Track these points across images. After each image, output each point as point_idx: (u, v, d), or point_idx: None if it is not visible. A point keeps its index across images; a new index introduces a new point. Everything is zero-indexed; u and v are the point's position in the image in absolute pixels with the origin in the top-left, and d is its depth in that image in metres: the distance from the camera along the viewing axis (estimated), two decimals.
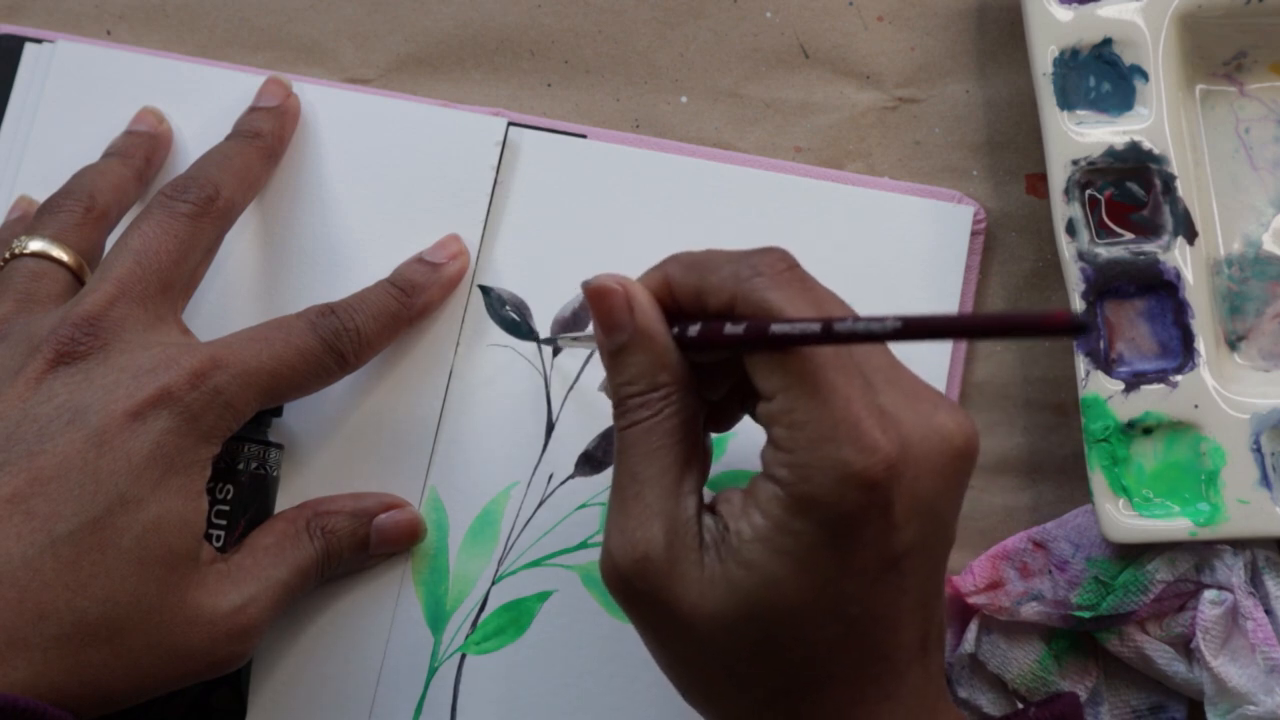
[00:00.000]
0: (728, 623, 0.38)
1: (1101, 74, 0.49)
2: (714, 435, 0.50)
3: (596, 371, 0.51)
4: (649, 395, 0.40)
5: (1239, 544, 0.48)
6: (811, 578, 0.37)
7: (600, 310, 0.41)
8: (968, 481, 0.39)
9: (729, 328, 0.39)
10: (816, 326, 0.36)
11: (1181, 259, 0.48)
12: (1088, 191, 0.49)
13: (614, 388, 0.41)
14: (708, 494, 0.41)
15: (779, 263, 0.39)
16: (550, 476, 0.51)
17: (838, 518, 0.37)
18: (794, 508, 0.37)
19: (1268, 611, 0.47)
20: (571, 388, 0.51)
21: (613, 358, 0.41)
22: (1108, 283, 0.49)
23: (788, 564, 0.37)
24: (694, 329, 0.40)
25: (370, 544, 0.49)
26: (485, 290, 0.52)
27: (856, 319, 0.36)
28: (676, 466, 0.40)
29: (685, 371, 0.41)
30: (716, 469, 0.50)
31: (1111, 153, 0.49)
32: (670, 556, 0.39)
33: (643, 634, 0.41)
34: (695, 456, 0.41)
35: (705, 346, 0.40)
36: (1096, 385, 0.48)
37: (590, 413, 0.51)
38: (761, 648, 0.38)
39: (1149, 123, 0.49)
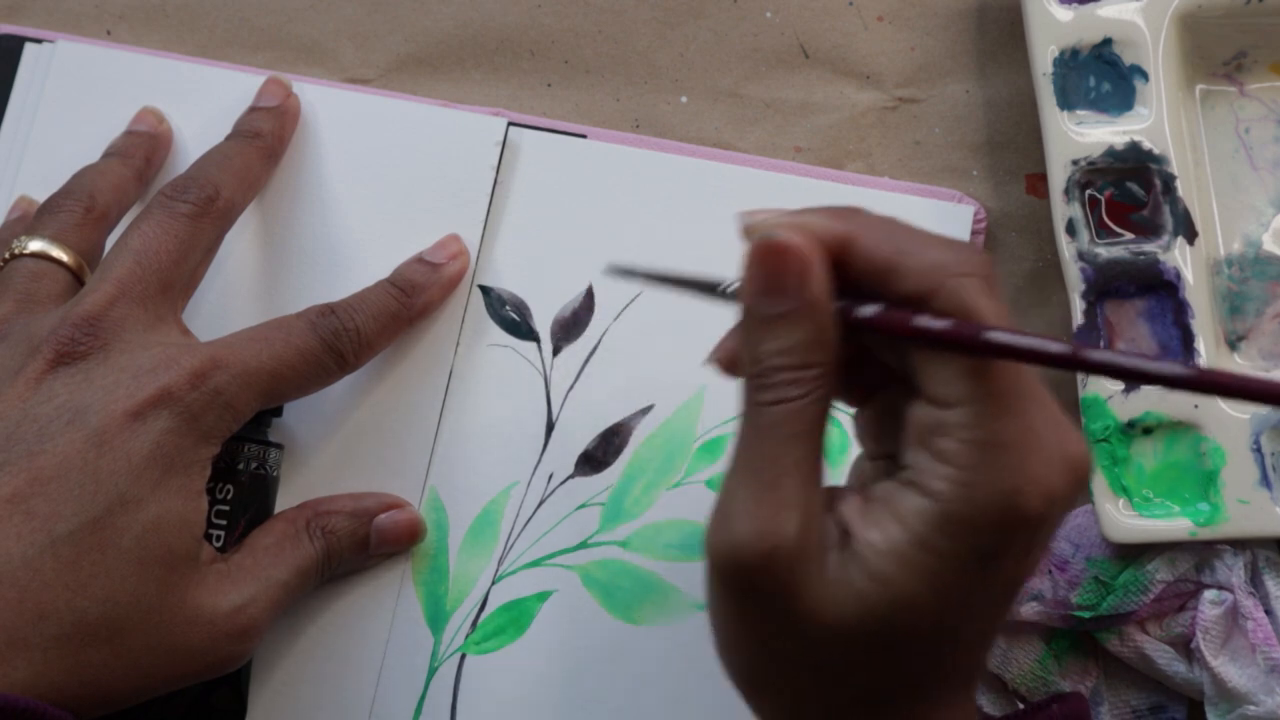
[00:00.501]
0: (842, 633, 0.36)
1: (1101, 74, 0.49)
2: (713, 435, 0.50)
3: (596, 371, 0.51)
4: (801, 373, 0.36)
5: (1239, 544, 0.48)
6: (944, 602, 0.35)
7: (767, 269, 0.36)
8: None
9: (925, 321, 0.35)
10: (1064, 348, 0.34)
11: (1181, 259, 0.48)
12: (1088, 191, 0.49)
13: (759, 355, 0.36)
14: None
15: (988, 267, 0.36)
16: (550, 476, 0.51)
17: (992, 545, 0.35)
18: (947, 527, 0.35)
19: (1268, 611, 0.47)
20: (571, 388, 0.51)
21: (764, 323, 0.36)
22: (1108, 283, 0.49)
23: (924, 585, 0.35)
24: (870, 311, 0.36)
25: (370, 544, 0.49)
26: (485, 290, 0.52)
27: (1121, 352, 0.34)
28: (815, 456, 0.36)
29: (838, 353, 0.36)
30: (716, 469, 0.50)
31: (1111, 153, 0.49)
32: (799, 553, 0.35)
33: (736, 622, 0.38)
34: (825, 446, 0.37)
35: (876, 331, 0.36)
36: (1096, 385, 0.48)
37: (590, 413, 0.51)
38: (866, 660, 0.36)
39: (1149, 123, 0.49)
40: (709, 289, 0.40)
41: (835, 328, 0.36)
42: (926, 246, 0.36)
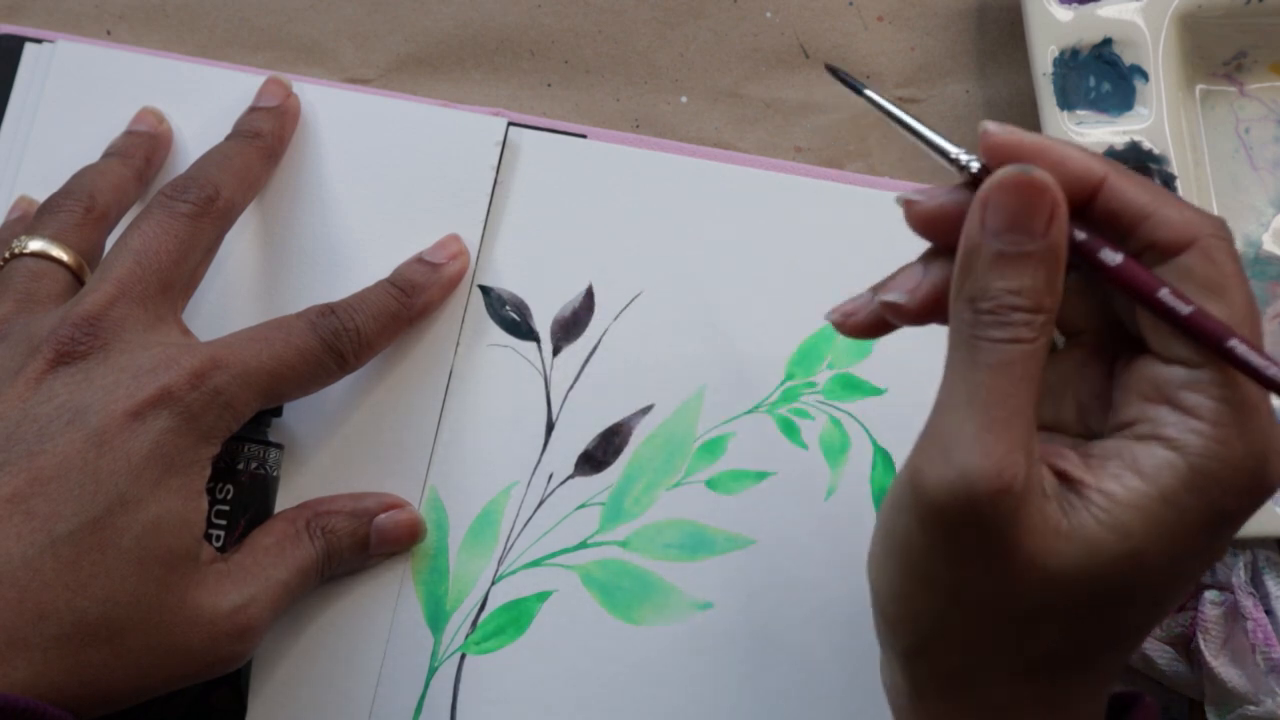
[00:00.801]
0: (1061, 582, 0.35)
1: (1101, 74, 0.49)
2: (713, 435, 0.50)
3: (596, 371, 0.51)
4: (1034, 316, 0.35)
5: (1239, 544, 0.48)
6: (1175, 557, 0.35)
7: (1018, 203, 0.35)
8: None
9: (1171, 300, 0.35)
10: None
11: None
12: None
13: (993, 291, 0.35)
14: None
15: (1230, 234, 0.36)
16: (550, 476, 0.51)
17: (1235, 507, 0.35)
18: (1196, 482, 0.34)
19: (1268, 611, 0.47)
20: (571, 388, 0.51)
21: (1004, 259, 0.35)
22: None
23: (1162, 539, 0.34)
24: (1117, 260, 0.36)
25: (370, 544, 0.49)
26: (485, 290, 0.52)
27: None
28: (1037, 401, 0.35)
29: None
30: (716, 469, 0.50)
31: (1111, 153, 0.49)
32: (1028, 496, 0.34)
33: (934, 562, 0.36)
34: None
35: (1115, 284, 0.36)
36: None
37: (590, 413, 0.51)
38: (1071, 612, 0.35)
39: (1149, 123, 0.49)
40: (936, 148, 0.38)
41: (1063, 281, 0.35)
42: (1178, 203, 0.36)
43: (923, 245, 0.52)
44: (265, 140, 0.51)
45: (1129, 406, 0.36)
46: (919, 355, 0.50)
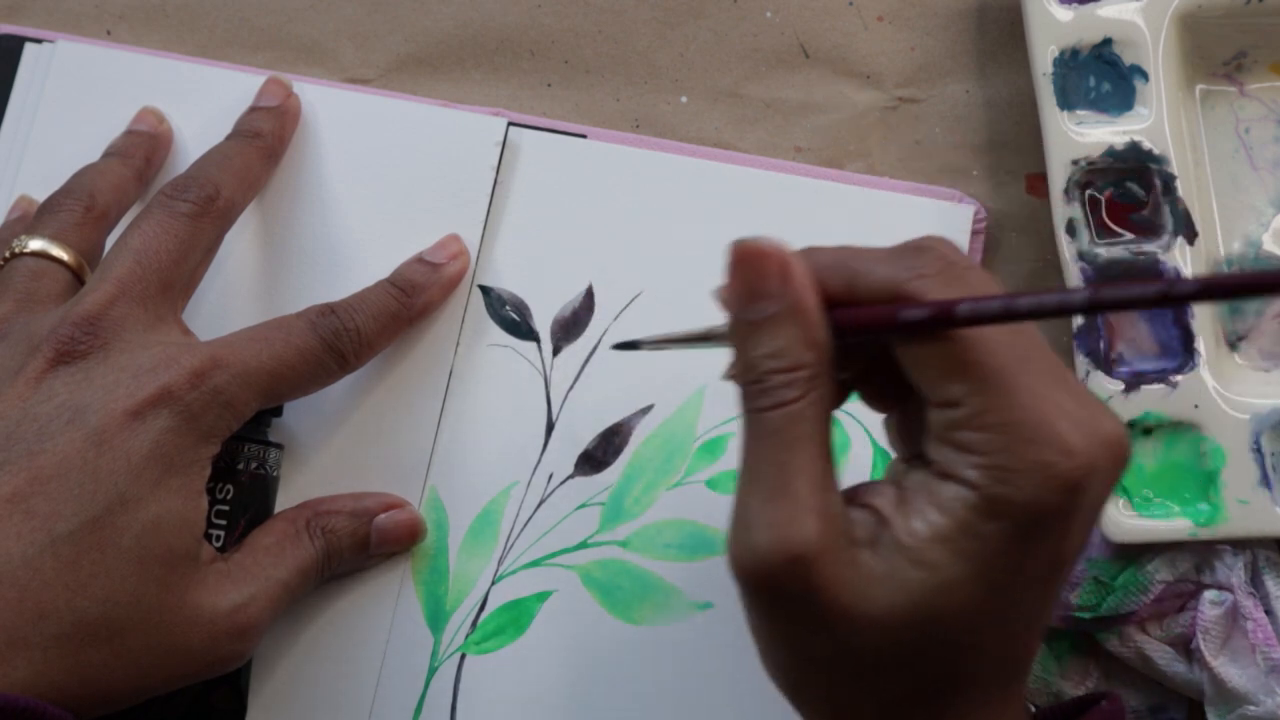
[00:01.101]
0: (887, 624, 0.36)
1: (1101, 74, 0.49)
2: (713, 435, 0.50)
3: (596, 371, 0.51)
4: (796, 374, 0.36)
5: (1239, 544, 0.48)
6: (990, 582, 0.35)
7: (752, 274, 0.37)
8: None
9: (906, 313, 0.36)
10: (1026, 301, 0.34)
11: (1181, 259, 0.48)
12: (1088, 191, 0.49)
13: (752, 362, 0.37)
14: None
15: (938, 260, 0.37)
16: (550, 476, 0.51)
17: (1033, 521, 0.35)
18: (987, 510, 0.35)
19: (1268, 611, 0.47)
20: (571, 388, 0.51)
21: (754, 329, 0.37)
22: (1108, 283, 0.49)
23: (971, 567, 0.35)
24: (857, 314, 0.37)
25: (370, 544, 0.49)
26: (485, 290, 0.52)
27: (1051, 291, 0.34)
28: (823, 456, 0.37)
29: (832, 352, 0.37)
30: (716, 468, 0.50)
31: (1111, 153, 0.49)
32: (825, 554, 0.35)
33: (770, 630, 0.38)
34: (831, 444, 0.37)
35: (870, 333, 0.37)
36: (1097, 385, 0.48)
37: (590, 413, 0.51)
38: (914, 651, 0.36)
39: (1149, 123, 0.49)
40: (704, 338, 0.41)
41: (826, 329, 0.37)
42: (876, 265, 0.37)
43: None
44: (265, 140, 0.51)
45: (929, 448, 0.37)
46: None
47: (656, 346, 0.45)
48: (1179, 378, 0.48)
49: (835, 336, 0.37)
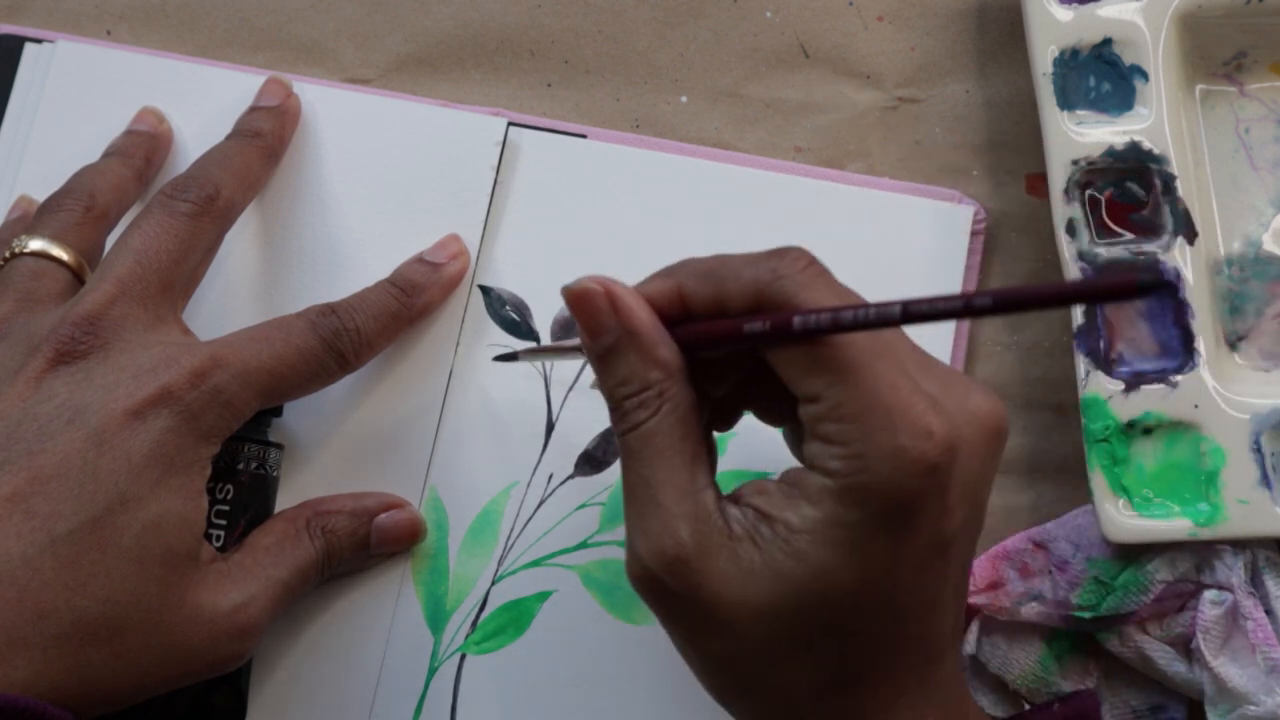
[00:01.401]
0: (773, 614, 0.38)
1: (1101, 74, 0.49)
2: (714, 435, 0.50)
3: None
4: (644, 394, 0.40)
5: (1239, 544, 0.48)
6: (865, 567, 0.37)
7: (583, 313, 0.40)
8: (1000, 462, 0.40)
9: (749, 326, 0.38)
10: (849, 314, 0.36)
11: (1181, 259, 0.48)
12: (1088, 191, 0.49)
13: (608, 391, 0.41)
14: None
15: (799, 260, 0.39)
16: (550, 476, 0.51)
17: (896, 505, 0.37)
18: (849, 498, 0.37)
19: (1268, 611, 0.47)
20: (571, 388, 0.51)
21: (601, 360, 0.40)
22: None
23: (841, 554, 0.37)
24: (706, 328, 0.40)
25: (370, 544, 0.49)
26: (485, 290, 0.52)
27: (871, 305, 0.36)
28: (686, 464, 0.39)
29: (680, 366, 0.40)
30: (716, 469, 0.50)
31: (1111, 153, 0.49)
32: (701, 553, 0.38)
33: (677, 636, 0.41)
34: (702, 449, 0.40)
35: (721, 345, 0.40)
36: (1096, 385, 0.48)
37: (590, 413, 0.51)
38: (807, 640, 0.38)
39: (1149, 123, 0.49)
40: (576, 349, 0.43)
41: (668, 344, 0.40)
42: (740, 269, 0.39)
43: (921, 249, 0.53)
44: (265, 140, 0.51)
45: (805, 446, 0.38)
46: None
47: (533, 358, 0.48)
48: (1179, 378, 0.48)
49: (696, 348, 0.40)
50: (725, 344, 0.39)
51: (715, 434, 0.45)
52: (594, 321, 0.40)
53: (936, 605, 0.39)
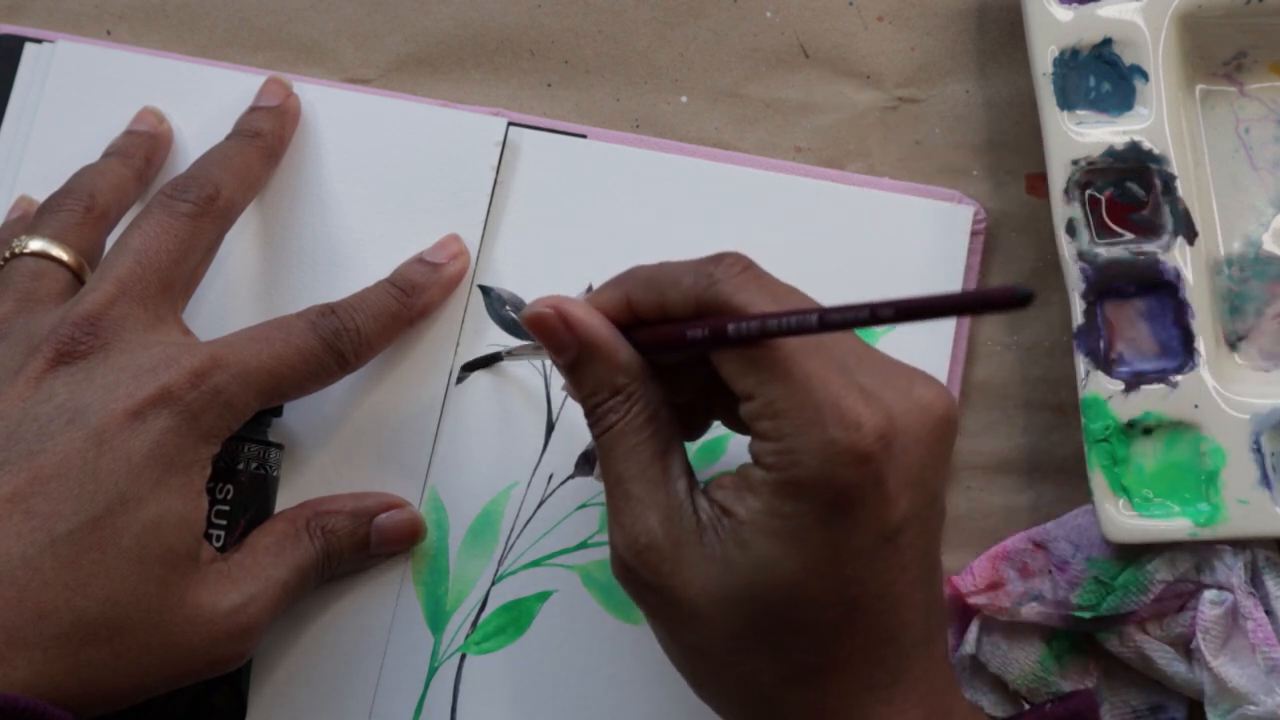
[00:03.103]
0: (729, 603, 0.39)
1: (1101, 74, 0.49)
2: (714, 435, 0.50)
3: None
4: (613, 399, 0.41)
5: (1239, 544, 0.48)
6: (806, 557, 0.38)
7: (541, 335, 0.42)
8: (951, 452, 0.40)
9: (690, 332, 0.40)
10: (774, 322, 0.38)
11: (1181, 259, 0.48)
12: (1088, 191, 0.49)
13: (581, 400, 0.42)
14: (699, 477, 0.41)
15: (734, 265, 0.40)
16: (550, 476, 0.51)
17: (831, 496, 0.37)
18: (785, 491, 0.38)
19: (1268, 611, 0.47)
20: None
21: (570, 373, 0.42)
22: (1108, 283, 0.49)
23: (781, 545, 0.38)
24: (653, 333, 0.41)
25: (370, 544, 0.49)
26: (485, 290, 0.52)
27: (793, 313, 0.37)
28: (657, 457, 0.41)
29: (642, 367, 0.42)
30: (717, 468, 0.50)
31: (1111, 153, 0.49)
32: (672, 541, 0.40)
33: (655, 625, 0.42)
34: (673, 443, 0.41)
35: (669, 349, 0.41)
36: (1096, 385, 0.48)
37: None
38: (764, 631, 0.39)
39: (1149, 123, 0.49)
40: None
41: (628, 350, 0.41)
42: (681, 275, 0.41)
43: (921, 249, 0.53)
44: (265, 140, 0.51)
45: (750, 441, 0.40)
46: (917, 355, 0.50)
47: (513, 357, 0.50)
48: (1179, 378, 0.48)
49: (647, 352, 0.42)
50: (673, 348, 0.41)
51: (716, 435, 0.45)
52: (552, 340, 0.42)
53: (894, 597, 0.39)
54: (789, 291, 0.40)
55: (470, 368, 0.51)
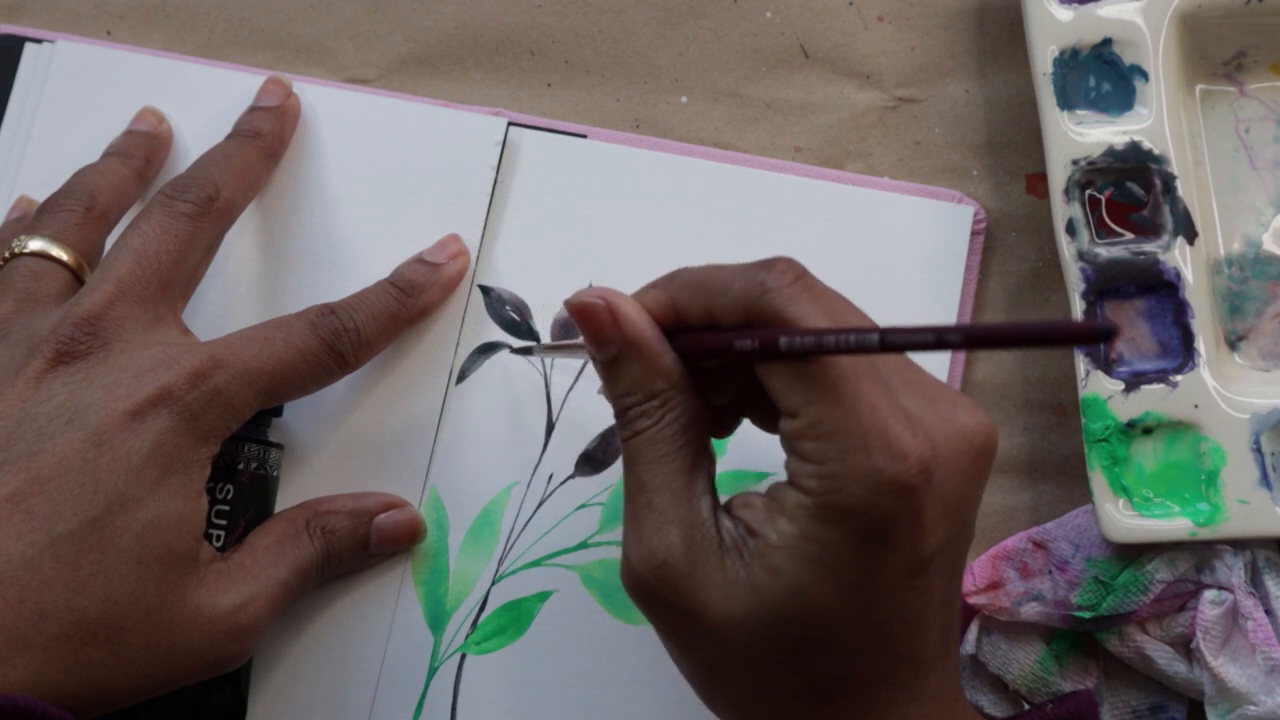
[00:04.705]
0: (753, 626, 0.38)
1: (1101, 74, 0.49)
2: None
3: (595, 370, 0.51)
4: (648, 404, 0.40)
5: (1239, 544, 0.48)
6: (840, 585, 0.37)
7: (587, 327, 0.41)
8: (988, 478, 0.39)
9: (739, 343, 0.38)
10: (831, 339, 0.36)
11: (1181, 259, 0.48)
12: (1088, 191, 0.49)
13: (614, 400, 0.41)
14: (721, 495, 0.41)
15: (788, 273, 0.39)
16: (550, 476, 0.51)
17: (870, 525, 0.37)
18: (823, 517, 0.37)
19: (1268, 611, 0.47)
20: (571, 388, 0.51)
21: (607, 370, 0.41)
22: (1108, 283, 0.49)
23: (816, 571, 0.37)
24: (700, 340, 0.40)
25: (370, 544, 0.49)
26: (485, 290, 0.52)
27: (853, 330, 0.36)
28: (685, 471, 0.40)
29: (683, 375, 0.40)
30: (716, 469, 0.50)
31: (1111, 153, 0.49)
32: (691, 560, 0.38)
33: (667, 640, 0.41)
34: (703, 458, 0.40)
35: (714, 357, 0.40)
36: (1096, 385, 0.48)
37: (590, 413, 0.51)
38: (787, 652, 0.38)
39: (1149, 123, 0.49)
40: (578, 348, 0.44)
41: (671, 356, 0.40)
42: (730, 281, 0.39)
43: (921, 249, 0.53)
44: (265, 140, 0.51)
45: (786, 460, 0.39)
46: (917, 355, 0.50)
47: (548, 354, 0.50)
48: (1179, 378, 0.48)
49: (691, 359, 0.40)
50: (719, 357, 0.40)
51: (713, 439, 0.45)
52: (597, 334, 0.41)
53: (918, 622, 0.39)
54: (841, 303, 0.39)
55: (521, 353, 0.50)
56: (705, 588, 0.38)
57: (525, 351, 0.50)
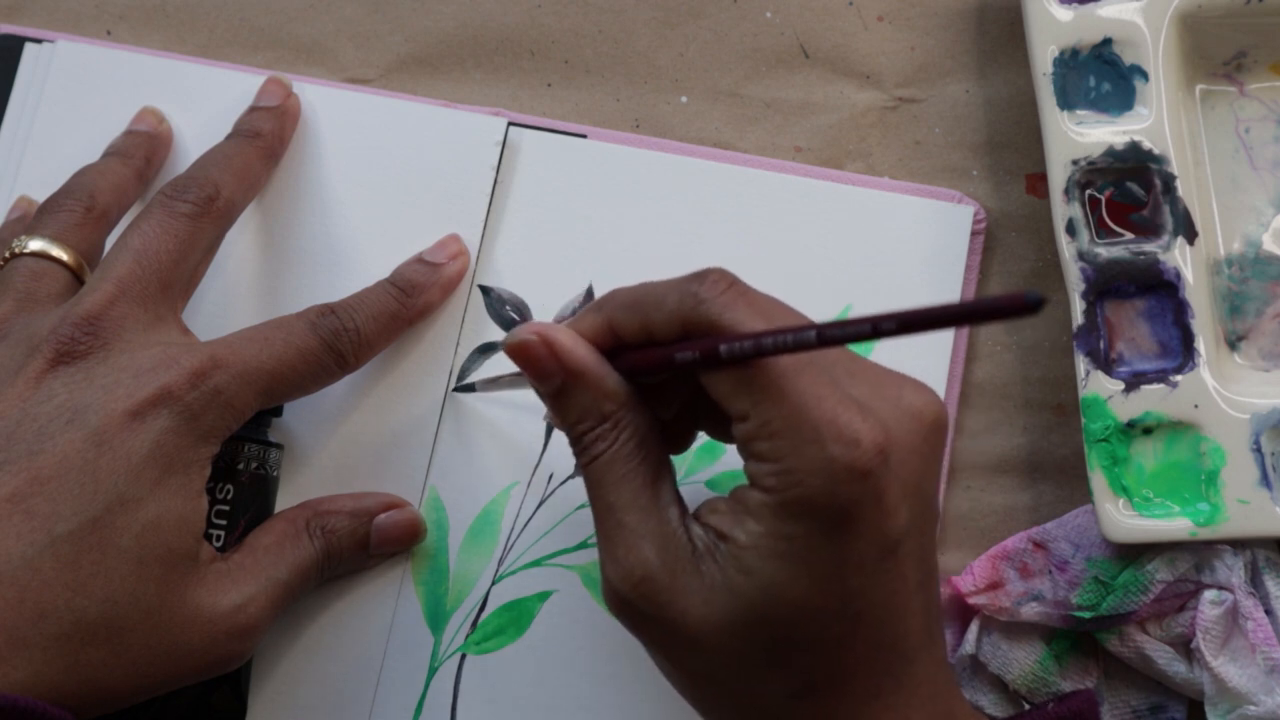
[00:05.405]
0: (734, 629, 0.38)
1: (1101, 74, 0.49)
2: (708, 438, 0.50)
3: None
4: (600, 427, 0.41)
5: (1239, 544, 0.48)
6: (813, 577, 0.38)
7: (526, 364, 0.41)
8: (944, 455, 0.40)
9: (680, 355, 0.39)
10: (769, 340, 0.37)
11: (1181, 259, 0.48)
12: (1088, 191, 0.49)
13: (566, 429, 0.42)
14: (690, 502, 0.41)
15: (720, 283, 0.39)
16: (550, 476, 0.51)
17: (833, 514, 0.37)
18: (787, 512, 0.37)
19: (1268, 611, 0.47)
20: None
21: (554, 401, 0.42)
22: (1108, 283, 0.49)
23: (788, 567, 0.38)
24: (640, 357, 0.41)
25: (370, 544, 0.49)
26: (485, 290, 0.52)
27: (789, 330, 0.36)
28: (648, 486, 0.40)
29: (629, 393, 0.41)
30: (716, 469, 0.50)
31: (1111, 153, 0.49)
32: (669, 571, 0.39)
33: (656, 656, 0.41)
34: (663, 470, 0.41)
35: (657, 373, 0.40)
36: (1096, 385, 0.48)
37: None
38: (771, 652, 0.38)
39: (1149, 123, 0.49)
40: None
41: (614, 376, 0.41)
42: (663, 296, 0.40)
43: (921, 249, 0.53)
44: (265, 140, 0.51)
45: (744, 463, 0.39)
46: (917, 356, 0.50)
47: (487, 388, 0.50)
48: (1179, 378, 0.48)
49: (634, 376, 0.41)
50: (662, 371, 0.40)
51: (702, 442, 0.45)
52: (537, 368, 0.41)
53: (896, 606, 0.39)
54: (776, 306, 0.40)
55: (460, 390, 0.51)
56: (685, 596, 0.39)
57: (468, 389, 0.50)
